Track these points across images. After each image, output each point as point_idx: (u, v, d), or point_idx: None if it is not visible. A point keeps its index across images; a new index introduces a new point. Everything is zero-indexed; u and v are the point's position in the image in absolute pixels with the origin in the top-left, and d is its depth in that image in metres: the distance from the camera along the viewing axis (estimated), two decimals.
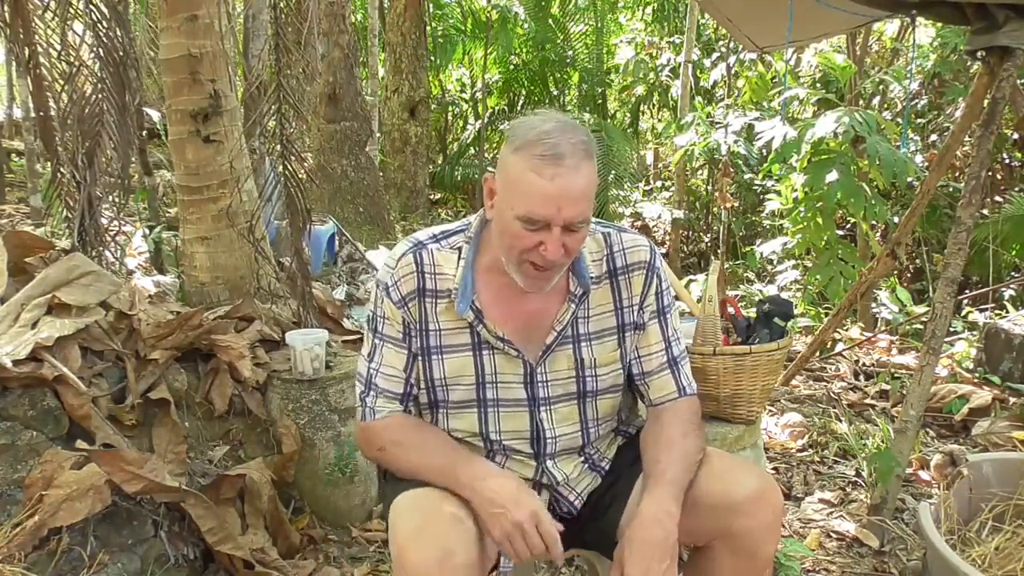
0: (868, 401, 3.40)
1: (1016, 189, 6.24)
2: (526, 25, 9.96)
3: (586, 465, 1.45)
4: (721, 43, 7.99)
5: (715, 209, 7.73)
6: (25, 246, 2.22)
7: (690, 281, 5.05)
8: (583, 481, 1.45)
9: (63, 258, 2.15)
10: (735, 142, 5.87)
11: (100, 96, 2.36)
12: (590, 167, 1.24)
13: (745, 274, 6.53)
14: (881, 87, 6.55)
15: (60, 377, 1.86)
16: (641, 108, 10.23)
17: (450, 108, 11.30)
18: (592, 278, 1.37)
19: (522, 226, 1.23)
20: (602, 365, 1.40)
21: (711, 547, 1.30)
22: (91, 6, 2.29)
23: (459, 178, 10.05)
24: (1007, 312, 4.27)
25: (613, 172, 8.70)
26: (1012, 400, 3.05)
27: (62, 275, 2.07)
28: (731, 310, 2.35)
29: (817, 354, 3.82)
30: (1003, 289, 5.07)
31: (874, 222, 4.59)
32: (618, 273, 1.39)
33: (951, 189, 6.01)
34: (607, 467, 1.48)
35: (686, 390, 1.43)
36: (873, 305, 5.01)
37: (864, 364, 3.88)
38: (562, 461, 1.42)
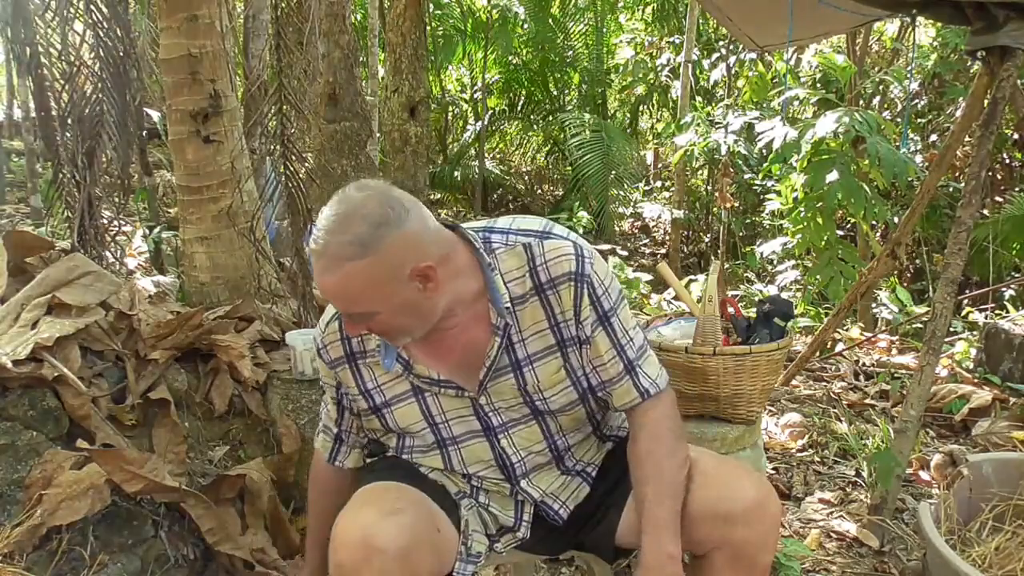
0: (868, 401, 3.40)
1: (1016, 189, 6.24)
2: (526, 25, 9.96)
3: (566, 475, 1.43)
4: (721, 43, 8.00)
5: (715, 209, 7.73)
6: (25, 246, 2.22)
7: (690, 281, 5.05)
8: (566, 490, 1.43)
9: (63, 258, 2.15)
10: (735, 142, 5.87)
11: (100, 96, 2.36)
12: (354, 267, 1.14)
13: (745, 274, 6.53)
14: (881, 87, 6.56)
15: (60, 377, 1.86)
16: (641, 108, 10.24)
17: (450, 108, 11.31)
18: (516, 298, 1.29)
19: None
20: (548, 387, 1.32)
21: (709, 556, 1.29)
22: (91, 6, 2.29)
23: (459, 178, 10.06)
24: (1007, 312, 4.27)
25: (613, 172, 8.70)
26: (1012, 400, 3.05)
27: (62, 275, 2.07)
28: (731, 310, 2.35)
29: (817, 354, 3.82)
30: (1003, 289, 5.07)
31: (874, 222, 4.60)
32: (545, 288, 1.28)
33: (951, 189, 6.02)
34: (595, 473, 1.45)
35: (648, 391, 1.33)
36: (873, 305, 5.01)
37: (864, 364, 3.88)
38: (537, 478, 1.40)
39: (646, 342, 1.38)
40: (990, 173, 6.11)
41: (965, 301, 4.77)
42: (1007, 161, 6.72)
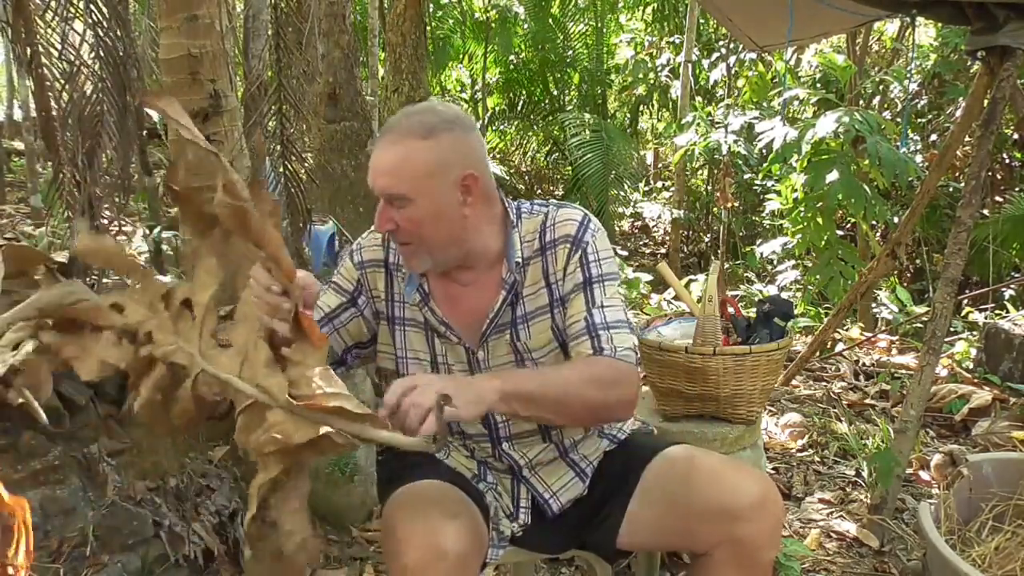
0: (868, 401, 3.40)
1: (1016, 189, 6.24)
2: (526, 25, 9.96)
3: (555, 456, 1.44)
4: (721, 43, 8.00)
5: (715, 209, 7.73)
6: (24, 259, 2.19)
7: (690, 281, 5.05)
8: (555, 477, 1.44)
9: (61, 283, 2.12)
10: (735, 142, 5.87)
11: (100, 96, 2.36)
12: (415, 144, 1.24)
13: (745, 274, 6.53)
14: (881, 87, 6.55)
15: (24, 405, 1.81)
16: (641, 108, 10.23)
17: None
18: (526, 258, 1.37)
19: None
20: (537, 347, 1.38)
21: (712, 554, 1.29)
22: (91, 6, 2.29)
23: None
24: (1007, 312, 4.27)
25: (613, 172, 8.70)
26: (1012, 400, 3.05)
27: (56, 299, 2.03)
28: (731, 310, 2.36)
29: (817, 354, 3.82)
30: (1003, 289, 5.07)
31: (874, 222, 4.59)
32: (547, 248, 1.37)
33: (951, 189, 6.02)
34: (589, 470, 1.45)
35: (604, 351, 1.28)
36: (873, 305, 5.01)
37: (864, 364, 3.88)
38: (521, 445, 1.42)
39: (626, 325, 1.34)
40: (990, 173, 6.11)
41: (965, 301, 4.76)
42: (1007, 161, 6.71)
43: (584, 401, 1.24)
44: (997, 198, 6.37)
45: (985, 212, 5.85)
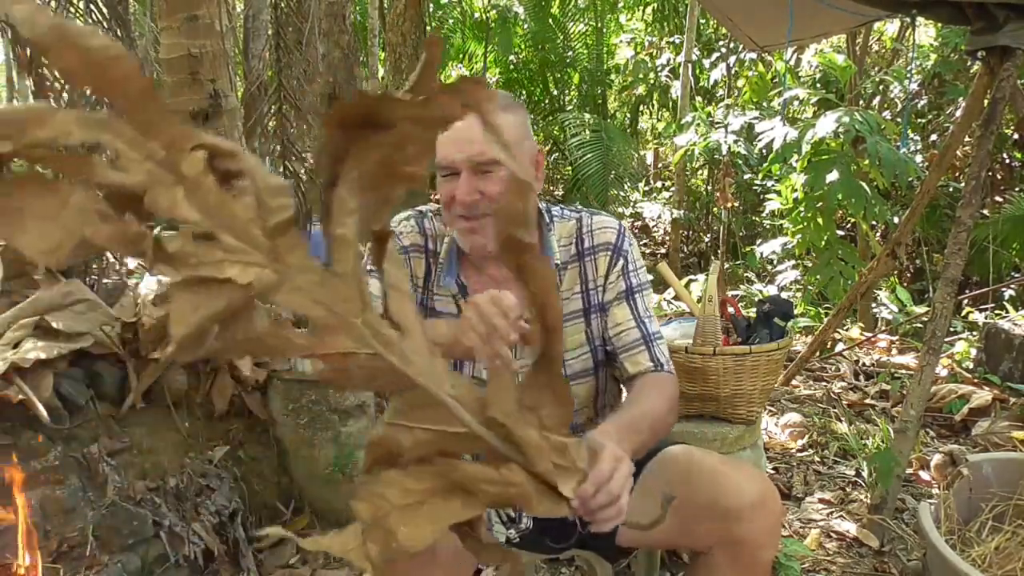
0: (868, 401, 3.40)
1: (1016, 189, 6.24)
2: (526, 25, 9.96)
3: None
4: (721, 43, 8.00)
5: (715, 209, 7.73)
6: (24, 259, 2.20)
7: (690, 281, 5.04)
8: None
9: (61, 283, 2.13)
10: (735, 142, 5.87)
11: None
12: (500, 115, 1.27)
13: (745, 274, 6.52)
14: (881, 87, 6.55)
15: (25, 402, 1.82)
16: (641, 108, 10.23)
17: None
18: (561, 264, 1.40)
19: (440, 177, 1.31)
20: (569, 349, 1.40)
21: (710, 554, 1.29)
22: (91, 6, 2.29)
23: None
24: (1007, 312, 4.27)
25: (613, 172, 8.69)
26: (1012, 400, 3.05)
27: (55, 299, 2.04)
28: (731, 310, 2.36)
29: (817, 354, 3.82)
30: (1003, 289, 5.07)
31: (874, 222, 4.59)
32: (585, 255, 1.41)
33: (951, 189, 6.02)
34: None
35: (664, 365, 1.39)
36: (873, 305, 5.01)
37: (864, 364, 3.88)
38: None
39: (662, 335, 1.44)
40: (990, 173, 6.10)
41: (965, 301, 4.77)
42: (1007, 161, 6.71)
43: (668, 425, 1.34)
44: (997, 198, 6.37)
45: (985, 212, 5.85)
